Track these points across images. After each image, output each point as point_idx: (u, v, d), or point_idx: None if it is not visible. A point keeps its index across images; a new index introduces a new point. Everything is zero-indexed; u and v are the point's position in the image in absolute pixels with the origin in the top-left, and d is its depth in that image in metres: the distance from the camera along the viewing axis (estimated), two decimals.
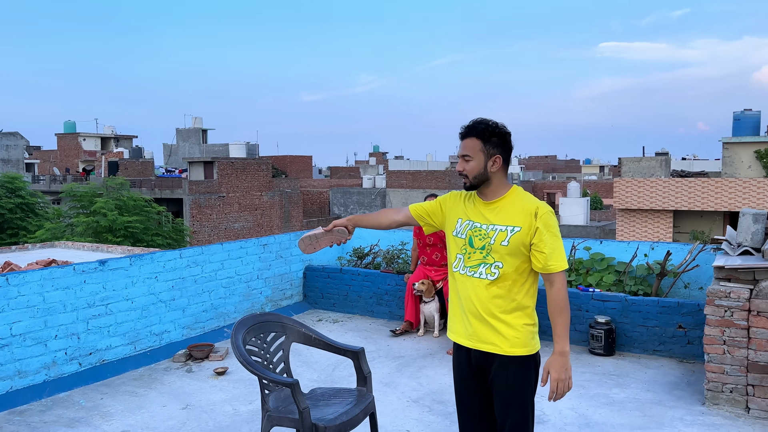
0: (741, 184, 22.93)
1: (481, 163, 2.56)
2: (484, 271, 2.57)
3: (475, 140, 2.57)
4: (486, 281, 2.57)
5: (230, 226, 33.89)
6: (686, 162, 46.50)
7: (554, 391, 2.53)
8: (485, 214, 2.61)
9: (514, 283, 2.56)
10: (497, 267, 2.55)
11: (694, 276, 6.06)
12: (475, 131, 2.58)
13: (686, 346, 5.48)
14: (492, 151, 2.56)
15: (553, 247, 2.51)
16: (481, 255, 2.58)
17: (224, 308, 6.42)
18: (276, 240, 7.09)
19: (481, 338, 2.60)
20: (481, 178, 2.57)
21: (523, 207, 2.56)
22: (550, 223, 2.54)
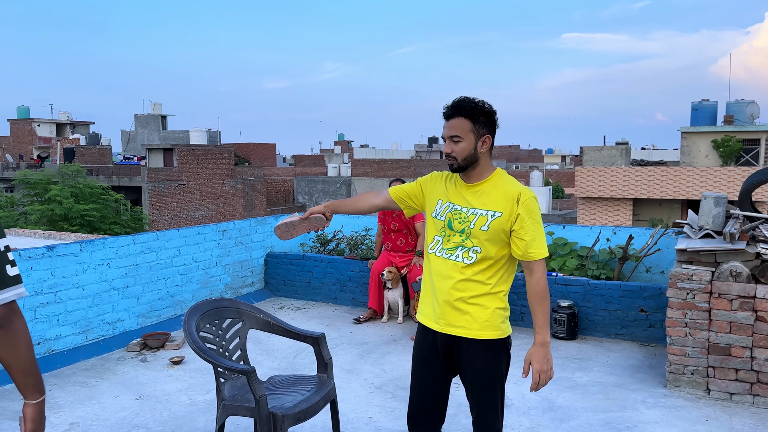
0: (699, 172, 23.45)
1: (471, 144, 2.45)
2: (461, 254, 2.49)
3: (463, 120, 2.45)
4: (461, 264, 2.49)
5: (191, 215, 33.27)
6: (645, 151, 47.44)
7: (536, 383, 2.47)
8: (466, 197, 2.53)
9: (490, 268, 2.49)
10: (475, 252, 2.47)
11: (655, 260, 6.09)
12: (463, 110, 2.45)
13: (648, 330, 5.51)
14: (481, 131, 2.46)
15: (534, 235, 2.43)
16: (460, 238, 2.49)
17: (181, 296, 6.21)
18: (236, 226, 6.89)
19: (450, 321, 2.51)
20: (471, 159, 2.46)
21: (505, 192, 2.46)
22: (533, 210, 2.45)
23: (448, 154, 2.48)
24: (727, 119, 26.49)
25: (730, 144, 25.03)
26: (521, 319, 5.94)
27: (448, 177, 2.65)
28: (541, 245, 2.45)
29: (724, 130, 25.42)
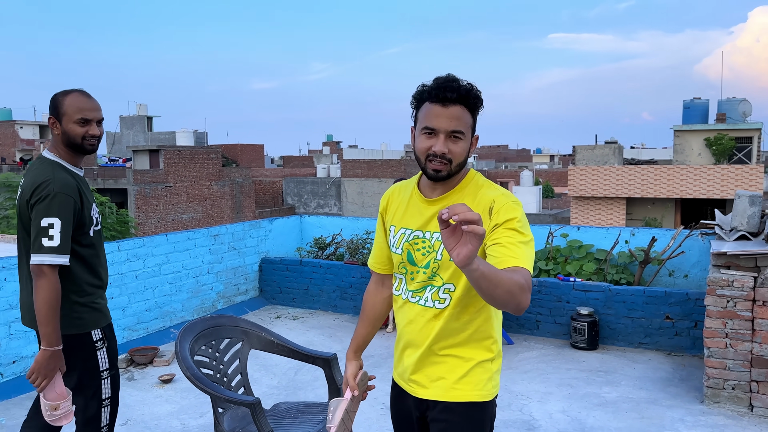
0: (692, 171, 23.26)
1: (467, 143, 1.81)
2: (430, 296, 1.88)
3: (466, 112, 1.79)
4: (433, 310, 1.87)
5: (178, 218, 32.65)
6: (635, 150, 47.35)
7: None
8: (427, 216, 1.89)
9: (469, 309, 1.87)
10: (447, 291, 1.85)
11: (677, 263, 5.73)
12: (468, 98, 1.78)
13: (674, 338, 5.14)
14: (475, 126, 1.85)
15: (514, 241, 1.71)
16: (425, 276, 1.88)
17: (170, 306, 5.76)
18: (228, 230, 6.45)
19: (420, 381, 1.93)
20: (462, 166, 1.84)
21: (475, 203, 1.82)
22: (514, 216, 1.75)
23: (442, 155, 1.77)
24: (720, 117, 26.36)
25: (723, 142, 24.89)
26: (536, 328, 5.55)
27: (398, 192, 2.02)
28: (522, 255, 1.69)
29: (716, 128, 25.28)
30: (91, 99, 2.53)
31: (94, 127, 2.50)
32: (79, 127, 2.46)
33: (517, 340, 5.45)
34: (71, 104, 2.46)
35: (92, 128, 2.49)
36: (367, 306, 2.19)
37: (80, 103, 2.48)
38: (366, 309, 2.19)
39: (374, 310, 2.17)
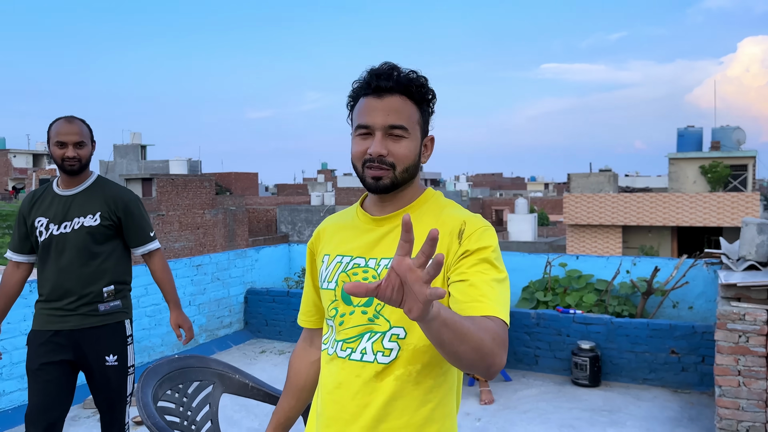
0: (688, 199, 23.16)
1: (416, 144, 1.42)
2: (370, 347, 1.38)
3: (408, 103, 1.40)
4: (373, 366, 1.37)
5: (170, 246, 32.29)
6: (629, 178, 47.43)
7: None
8: (374, 240, 1.45)
9: (428, 372, 1.37)
10: (396, 338, 1.36)
11: (681, 294, 5.48)
12: (409, 86, 1.40)
13: (680, 374, 4.86)
14: (427, 125, 1.46)
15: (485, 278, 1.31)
16: (364, 317, 1.40)
17: (148, 341, 5.45)
18: (212, 260, 6.18)
19: None
20: (412, 171, 1.42)
21: (437, 224, 1.40)
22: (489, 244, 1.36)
23: (379, 158, 1.37)
24: (714, 145, 26.37)
25: (718, 170, 24.86)
26: (535, 363, 5.27)
27: (334, 218, 1.62)
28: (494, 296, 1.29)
29: (711, 156, 25.27)
30: (71, 124, 2.78)
31: (70, 150, 2.75)
32: (58, 149, 2.77)
33: (515, 377, 5.16)
34: (53, 130, 2.78)
35: (68, 150, 2.75)
36: (291, 372, 1.70)
37: (59, 127, 2.77)
38: (290, 376, 1.71)
39: (298, 377, 1.68)
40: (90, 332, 2.84)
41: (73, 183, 2.84)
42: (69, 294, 2.81)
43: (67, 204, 2.81)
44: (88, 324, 2.84)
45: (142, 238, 2.96)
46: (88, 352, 2.85)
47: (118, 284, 2.95)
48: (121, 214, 2.87)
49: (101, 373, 2.88)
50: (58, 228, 2.79)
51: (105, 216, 2.82)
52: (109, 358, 2.89)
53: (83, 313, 2.83)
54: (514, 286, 6.18)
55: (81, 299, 2.82)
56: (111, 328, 2.90)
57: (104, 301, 2.87)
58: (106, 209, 2.83)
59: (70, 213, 2.79)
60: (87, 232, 2.79)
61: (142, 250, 2.98)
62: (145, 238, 2.96)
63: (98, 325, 2.86)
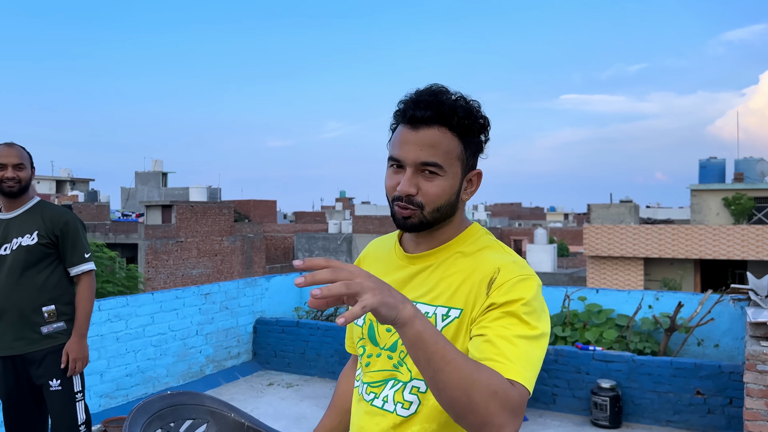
0: (711, 231, 22.71)
1: (455, 181, 1.27)
2: (392, 395, 1.29)
3: (450, 136, 1.24)
4: (393, 418, 1.28)
5: (188, 273, 32.37)
6: (651, 210, 46.81)
7: None
8: (405, 278, 1.34)
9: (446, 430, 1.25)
10: (416, 391, 1.26)
11: (707, 331, 5.24)
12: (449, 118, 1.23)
13: (706, 416, 4.60)
14: (473, 160, 1.31)
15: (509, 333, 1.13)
16: (389, 362, 1.31)
17: (153, 371, 5.32)
18: (221, 288, 6.06)
19: None
20: (449, 210, 1.29)
21: (473, 268, 1.26)
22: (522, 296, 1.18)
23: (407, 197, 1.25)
24: (737, 177, 25.96)
25: (742, 202, 24.41)
26: (553, 402, 5.03)
27: (376, 245, 1.52)
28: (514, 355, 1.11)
29: (734, 188, 24.85)
30: (10, 148, 2.86)
31: (9, 171, 2.82)
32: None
33: (532, 416, 4.93)
34: None
35: (7, 172, 2.82)
36: (338, 391, 1.65)
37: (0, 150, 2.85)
38: (336, 394, 1.66)
39: (344, 398, 1.61)
40: (33, 356, 2.85)
41: (14, 206, 2.91)
42: (8, 315, 2.83)
43: (7, 227, 2.88)
44: (31, 348, 2.85)
45: (77, 258, 2.93)
46: (32, 377, 2.87)
47: (60, 305, 2.92)
48: (59, 233, 2.90)
49: (47, 398, 2.87)
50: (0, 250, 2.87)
51: (43, 235, 2.87)
52: (53, 383, 2.86)
53: (26, 338, 2.84)
54: None
55: (21, 321, 2.83)
56: (54, 351, 2.87)
57: (46, 322, 2.86)
58: (44, 228, 2.88)
59: (10, 235, 2.86)
60: (25, 251, 2.85)
61: (76, 270, 2.95)
62: (80, 258, 2.94)
63: (41, 349, 2.85)
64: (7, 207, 2.93)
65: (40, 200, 3.00)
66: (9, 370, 2.88)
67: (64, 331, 2.93)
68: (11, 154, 2.85)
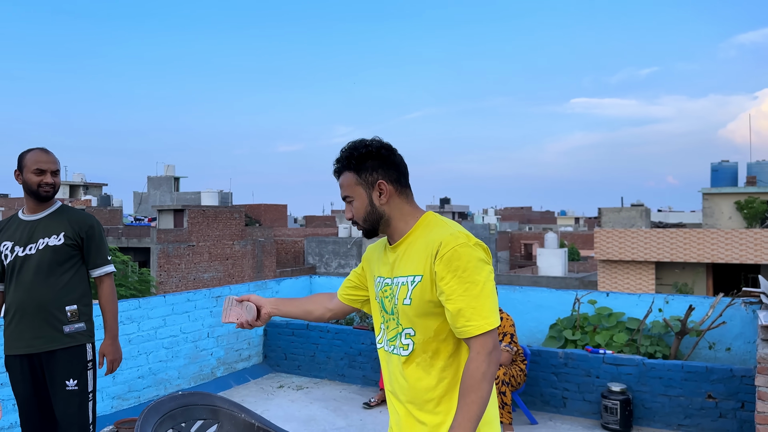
0: (723, 234, 22.53)
1: (363, 199, 1.91)
2: (398, 344, 1.90)
3: (349, 174, 1.92)
4: (402, 358, 1.88)
5: (199, 276, 32.53)
6: (662, 214, 46.47)
7: None
8: (391, 263, 1.95)
9: (437, 356, 1.83)
10: (409, 336, 1.87)
11: (718, 335, 5.21)
12: (344, 162, 1.92)
13: (718, 420, 4.58)
14: (371, 178, 1.89)
15: (464, 300, 1.73)
16: (394, 322, 1.92)
17: (165, 373, 5.36)
18: (232, 291, 6.10)
19: None
20: (373, 217, 1.91)
21: (425, 244, 1.84)
22: (458, 264, 1.74)
23: (351, 219, 1.99)
24: (750, 180, 25.74)
25: (755, 205, 24.21)
26: (563, 405, 5.02)
27: (377, 244, 2.11)
28: (476, 313, 1.72)
29: (747, 191, 24.65)
30: (48, 154, 2.92)
31: (48, 177, 2.89)
32: (35, 176, 2.89)
33: (542, 420, 4.92)
34: (30, 158, 2.90)
35: (46, 177, 2.89)
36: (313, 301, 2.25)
37: (37, 156, 2.91)
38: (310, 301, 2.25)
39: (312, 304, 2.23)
40: (52, 355, 2.89)
41: (39, 209, 2.98)
42: (31, 313, 2.89)
43: (32, 228, 2.94)
44: (51, 347, 2.89)
45: (100, 260, 3.02)
46: (48, 376, 2.90)
47: (81, 305, 2.98)
48: (84, 235, 2.97)
49: (61, 398, 2.89)
50: (24, 250, 2.92)
51: (69, 236, 2.94)
52: (69, 383, 2.90)
53: (46, 336, 2.88)
54: (541, 323, 5.96)
55: (43, 319, 2.88)
56: (73, 351, 2.91)
57: (68, 322, 2.91)
58: (71, 230, 2.95)
59: (35, 235, 2.92)
60: (51, 250, 2.91)
61: (99, 272, 3.03)
62: (103, 261, 3.03)
63: (60, 348, 2.89)
64: (32, 210, 2.98)
65: (63, 204, 3.06)
66: (26, 368, 2.93)
67: (84, 332, 2.98)
68: (51, 161, 2.93)
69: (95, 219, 3.07)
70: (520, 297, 6.04)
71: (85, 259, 3.02)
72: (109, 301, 3.06)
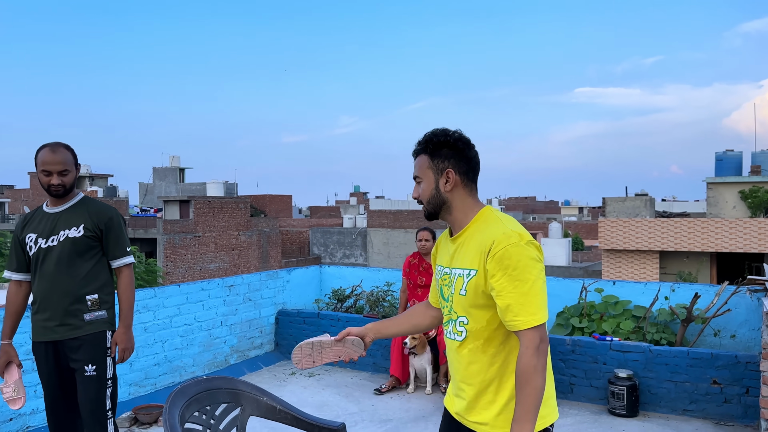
0: (728, 224, 22.53)
1: (431, 182, 2.05)
2: (452, 329, 2.07)
3: (423, 157, 2.07)
4: (456, 343, 2.05)
5: (205, 267, 32.71)
6: (666, 203, 46.43)
7: None
8: (451, 254, 2.09)
9: (489, 343, 1.97)
10: (462, 324, 2.02)
11: (723, 322, 5.29)
12: (422, 146, 2.08)
13: (723, 406, 4.67)
14: (442, 165, 2.03)
15: (513, 296, 1.85)
16: (448, 309, 2.08)
17: (180, 361, 5.48)
18: (244, 280, 6.21)
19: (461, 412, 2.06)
20: (436, 201, 2.05)
21: (480, 240, 1.96)
22: (509, 261, 1.86)
23: (415, 198, 2.12)
24: (754, 169, 25.68)
25: (759, 194, 24.17)
26: (570, 391, 5.13)
27: (443, 237, 2.23)
28: (524, 309, 1.84)
29: (751, 181, 24.61)
30: (54, 154, 2.96)
31: (55, 178, 2.96)
32: (44, 177, 2.99)
33: None
34: (39, 158, 2.98)
35: (53, 179, 2.96)
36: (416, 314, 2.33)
37: (44, 157, 2.96)
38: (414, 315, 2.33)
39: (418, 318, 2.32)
40: (73, 342, 2.99)
41: (60, 202, 3.07)
42: (55, 302, 2.98)
43: (54, 220, 3.03)
44: (73, 335, 2.99)
45: (119, 251, 3.09)
46: (70, 361, 3.00)
47: (102, 294, 3.07)
48: (103, 227, 3.05)
49: (80, 382, 2.99)
50: (46, 242, 3.01)
51: (89, 228, 3.02)
52: (88, 368, 2.98)
53: (69, 324, 2.98)
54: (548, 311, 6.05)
55: (66, 307, 2.98)
56: (93, 338, 3.00)
57: (89, 310, 3.01)
58: (90, 222, 3.02)
59: (57, 227, 3.01)
60: (71, 242, 2.98)
61: (118, 263, 3.11)
62: (122, 252, 3.10)
63: (82, 335, 2.99)
64: (54, 203, 3.08)
65: (85, 196, 3.14)
66: (50, 354, 3.03)
67: (105, 320, 3.07)
68: (56, 161, 2.96)
69: (115, 211, 3.14)
70: None
71: (105, 251, 3.10)
72: (126, 291, 3.12)
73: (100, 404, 3.01)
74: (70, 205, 3.07)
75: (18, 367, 3.08)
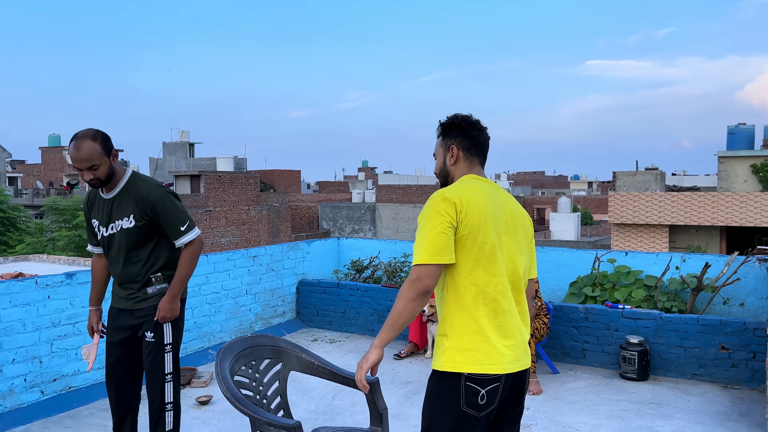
0: (738, 198, 22.55)
1: (441, 158, 2.45)
2: None
3: (438, 138, 2.48)
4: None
5: (217, 241, 33.06)
6: (677, 177, 46.31)
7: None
8: None
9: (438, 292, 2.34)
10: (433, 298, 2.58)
11: (732, 291, 5.47)
12: (439, 128, 2.47)
13: (730, 370, 4.88)
14: (449, 142, 2.42)
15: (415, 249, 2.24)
16: None
17: (209, 327, 5.73)
18: (267, 251, 6.43)
19: None
20: (443, 174, 2.45)
21: None
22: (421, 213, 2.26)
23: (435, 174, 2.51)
24: (767, 143, 25.61)
25: None
26: (583, 357, 5.34)
27: None
28: (417, 254, 2.18)
29: (763, 155, 24.54)
30: (78, 151, 2.93)
31: (86, 174, 2.98)
32: (78, 173, 3.03)
33: (563, 370, 5.25)
34: (69, 153, 3.00)
35: (84, 174, 2.99)
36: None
37: (71, 154, 2.97)
38: None
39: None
40: (139, 312, 3.17)
41: (110, 187, 3.10)
42: (122, 283, 3.19)
43: (108, 208, 3.11)
44: (139, 306, 3.17)
45: (173, 233, 3.10)
46: (135, 329, 3.20)
47: (165, 270, 3.19)
48: (151, 214, 3.06)
49: (143, 348, 3.19)
50: (107, 230, 3.14)
51: (138, 217, 3.07)
52: (148, 335, 3.16)
53: (135, 297, 3.18)
54: (561, 281, 6.25)
55: (132, 287, 3.16)
56: (154, 307, 3.16)
57: (153, 284, 3.17)
58: (138, 211, 3.06)
59: (112, 216, 3.10)
60: (126, 233, 3.08)
61: (178, 243, 3.13)
62: (177, 233, 3.10)
63: (146, 306, 3.16)
64: (107, 188, 3.11)
65: (131, 176, 3.12)
66: (122, 319, 3.22)
67: (166, 291, 3.19)
68: (80, 159, 2.92)
69: (158, 192, 3.07)
70: (542, 256, 6.31)
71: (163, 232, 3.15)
72: (182, 267, 3.12)
73: (159, 368, 3.14)
74: (119, 191, 3.09)
75: (96, 332, 3.30)
